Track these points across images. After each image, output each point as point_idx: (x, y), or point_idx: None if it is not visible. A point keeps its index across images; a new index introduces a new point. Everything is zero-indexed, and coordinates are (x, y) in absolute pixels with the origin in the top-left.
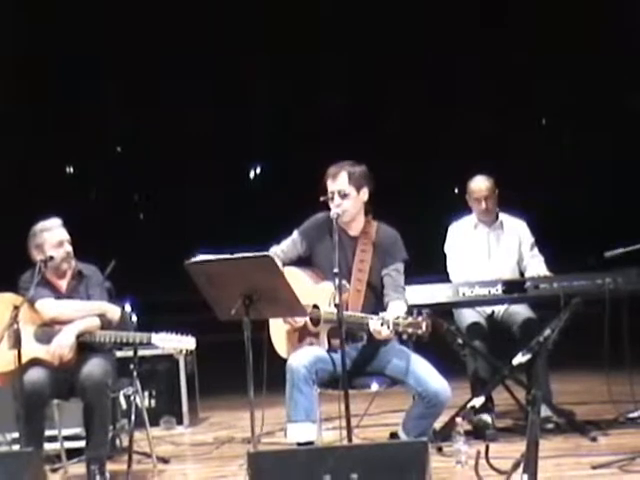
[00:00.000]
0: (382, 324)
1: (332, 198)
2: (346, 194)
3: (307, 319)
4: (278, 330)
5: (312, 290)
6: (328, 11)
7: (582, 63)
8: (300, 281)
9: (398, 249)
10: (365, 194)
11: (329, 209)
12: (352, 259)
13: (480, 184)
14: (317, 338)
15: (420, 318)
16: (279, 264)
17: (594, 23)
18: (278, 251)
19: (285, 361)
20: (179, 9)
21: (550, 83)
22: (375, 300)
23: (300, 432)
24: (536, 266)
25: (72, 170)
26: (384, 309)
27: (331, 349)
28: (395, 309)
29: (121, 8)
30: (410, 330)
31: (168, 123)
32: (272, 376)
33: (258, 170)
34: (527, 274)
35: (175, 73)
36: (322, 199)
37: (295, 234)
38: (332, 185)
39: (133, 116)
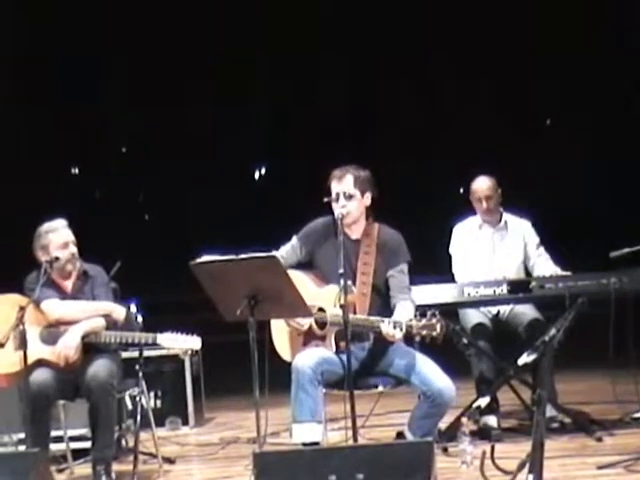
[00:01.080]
0: (395, 327)
1: (337, 199)
2: (351, 195)
3: (312, 322)
4: (281, 334)
5: (316, 293)
6: (328, 11)
7: (582, 63)
8: (304, 284)
9: (402, 250)
10: (368, 199)
11: (330, 211)
12: (355, 262)
13: (481, 184)
14: (323, 341)
15: (434, 320)
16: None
17: (594, 23)
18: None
19: (289, 363)
20: (179, 9)
21: (550, 83)
22: (381, 302)
23: (305, 432)
24: (544, 264)
25: (77, 171)
26: (391, 311)
27: (339, 351)
28: (403, 311)
29: (121, 8)
30: (424, 332)
31: (168, 123)
32: (277, 376)
33: (263, 171)
34: (535, 273)
35: (175, 73)
36: (326, 200)
37: (294, 240)
38: (337, 186)
39: (135, 116)
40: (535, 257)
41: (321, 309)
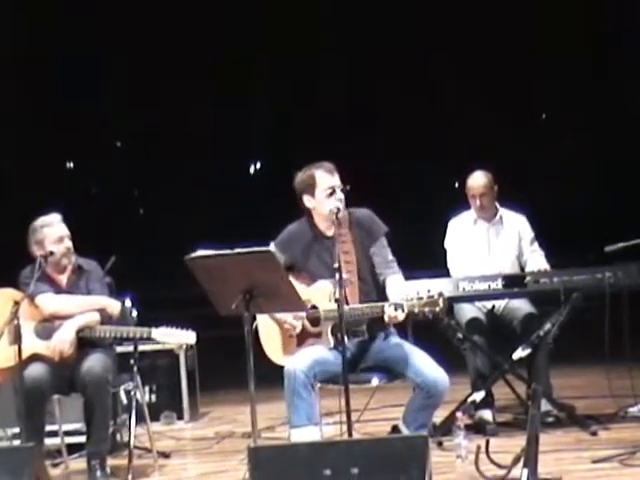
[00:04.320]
0: (396, 309)
1: (332, 192)
2: (344, 187)
3: (305, 322)
4: (271, 338)
5: (306, 292)
6: (328, 11)
7: (582, 63)
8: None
9: (375, 225)
10: None
11: (302, 213)
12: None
13: (477, 180)
14: (319, 338)
15: (436, 295)
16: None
17: (594, 23)
18: None
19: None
20: (179, 9)
21: (549, 83)
22: (369, 287)
23: (303, 436)
24: (536, 261)
25: (72, 165)
26: (382, 290)
27: (337, 345)
28: (396, 287)
29: (121, 8)
30: (427, 309)
31: (168, 122)
32: (272, 370)
33: (258, 166)
34: (527, 269)
35: (175, 73)
36: (331, 191)
37: (272, 247)
38: (332, 180)
39: (133, 115)
40: (529, 253)
41: (313, 306)
